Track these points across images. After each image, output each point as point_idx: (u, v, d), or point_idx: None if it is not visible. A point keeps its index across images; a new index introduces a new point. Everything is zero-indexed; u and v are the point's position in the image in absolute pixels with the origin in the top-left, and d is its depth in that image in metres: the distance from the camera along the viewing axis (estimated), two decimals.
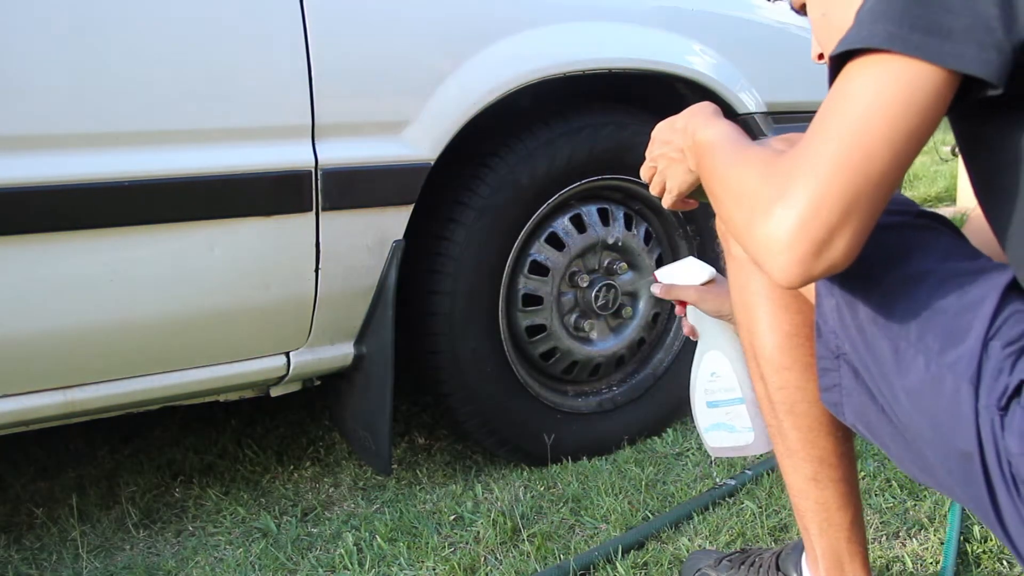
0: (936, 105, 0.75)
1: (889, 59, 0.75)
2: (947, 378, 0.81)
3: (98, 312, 1.34)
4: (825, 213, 0.75)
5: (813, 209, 0.75)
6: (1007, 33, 0.73)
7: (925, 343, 0.82)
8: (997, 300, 0.81)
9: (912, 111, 0.74)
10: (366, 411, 1.66)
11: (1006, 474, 0.79)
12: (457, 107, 1.57)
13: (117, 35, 1.28)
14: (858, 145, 0.75)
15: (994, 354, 0.79)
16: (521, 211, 1.75)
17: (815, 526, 1.12)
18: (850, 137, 0.75)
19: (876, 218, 0.77)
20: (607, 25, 1.79)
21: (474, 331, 1.74)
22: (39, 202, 1.25)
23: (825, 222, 0.75)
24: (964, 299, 0.82)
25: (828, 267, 0.77)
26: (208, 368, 1.50)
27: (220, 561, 1.57)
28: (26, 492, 1.86)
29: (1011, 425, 0.77)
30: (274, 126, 1.42)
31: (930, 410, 0.83)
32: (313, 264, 1.49)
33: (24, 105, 1.23)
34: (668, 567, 1.44)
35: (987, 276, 0.83)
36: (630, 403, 2.00)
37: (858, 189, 0.75)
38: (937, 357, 0.82)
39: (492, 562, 1.50)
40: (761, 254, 0.79)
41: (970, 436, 0.80)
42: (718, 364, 1.47)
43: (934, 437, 0.85)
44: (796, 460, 1.09)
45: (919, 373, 0.83)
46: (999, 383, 0.78)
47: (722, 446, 1.46)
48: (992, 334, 0.79)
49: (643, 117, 1.88)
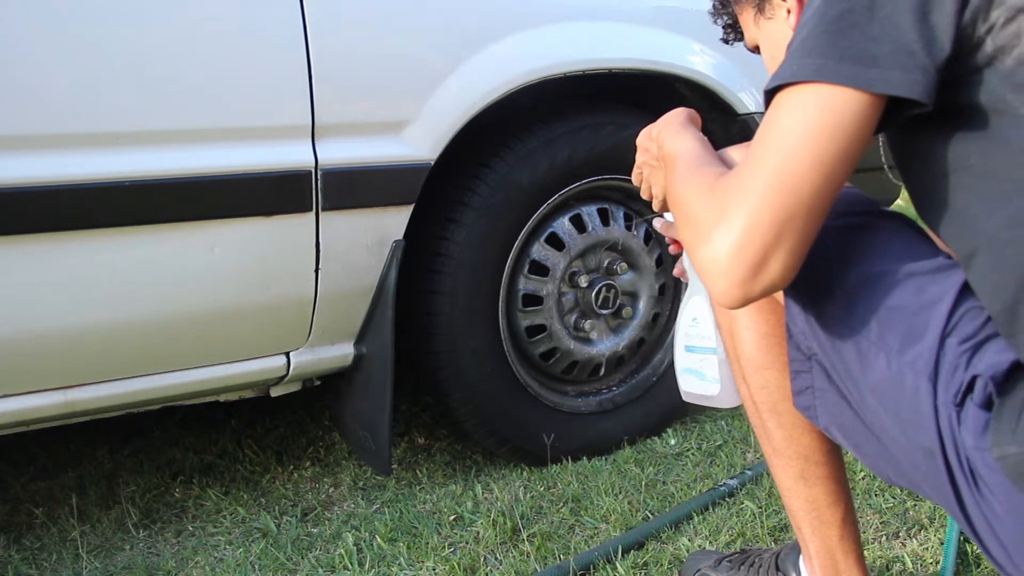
0: (863, 128, 0.79)
1: (817, 88, 0.79)
2: (907, 375, 0.82)
3: (98, 312, 1.34)
4: (759, 237, 0.79)
5: (747, 234, 0.79)
6: (929, 55, 0.77)
7: (886, 341, 0.84)
8: (954, 297, 0.82)
9: (839, 135, 0.78)
10: (366, 411, 1.66)
11: (965, 469, 0.81)
12: (457, 107, 1.57)
13: (117, 35, 1.28)
14: (789, 171, 0.79)
15: (950, 351, 0.80)
16: (521, 211, 1.75)
17: (807, 525, 1.13)
18: (781, 163, 0.79)
19: (811, 238, 0.81)
20: (607, 25, 1.79)
21: (474, 331, 1.74)
22: (39, 202, 1.25)
23: (760, 246, 0.79)
24: (922, 297, 0.84)
25: (766, 287, 0.80)
26: (208, 368, 1.50)
27: (220, 561, 1.57)
28: (26, 492, 1.86)
29: (966, 420, 0.79)
30: (274, 126, 1.41)
31: (893, 407, 0.85)
32: (313, 264, 1.49)
33: (24, 105, 1.23)
34: (668, 567, 1.44)
35: (945, 274, 0.85)
36: (630, 403, 2.00)
37: (790, 212, 0.78)
38: (897, 355, 0.83)
39: (492, 562, 1.50)
40: (704, 276, 0.82)
41: (931, 433, 0.82)
42: (700, 310, 1.47)
43: (899, 435, 0.86)
44: (783, 460, 1.10)
45: (881, 371, 0.84)
46: (955, 379, 0.79)
47: (691, 392, 1.45)
48: (949, 331, 0.81)
49: (643, 117, 1.88)
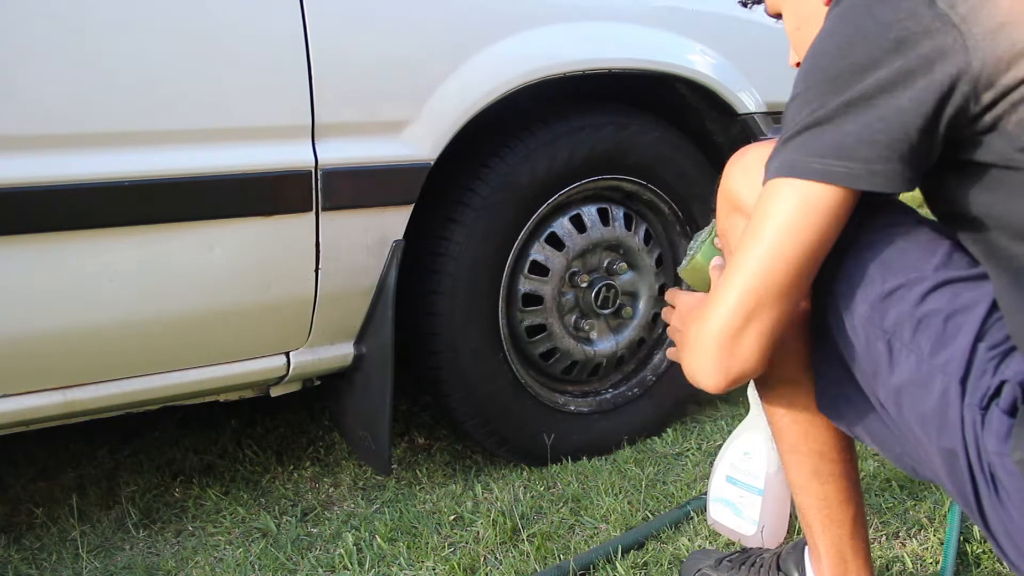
0: (840, 215, 0.86)
1: (798, 184, 0.86)
2: (937, 378, 0.83)
3: (98, 312, 1.34)
4: (734, 322, 0.89)
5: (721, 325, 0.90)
6: (904, 141, 0.82)
7: (918, 343, 0.85)
8: (988, 305, 0.83)
9: (816, 227, 0.86)
10: (366, 411, 1.66)
11: (986, 473, 0.82)
12: (457, 107, 1.57)
13: (117, 35, 1.28)
14: (768, 267, 0.88)
15: (980, 356, 0.81)
16: (521, 211, 1.75)
17: (818, 523, 1.12)
18: (761, 258, 0.88)
19: (784, 321, 0.90)
20: (607, 25, 1.78)
21: (474, 331, 1.74)
22: (39, 202, 1.25)
23: (733, 334, 0.90)
24: (956, 303, 0.84)
25: (741, 373, 0.91)
26: (208, 368, 1.50)
27: (220, 561, 1.57)
28: (26, 492, 1.86)
29: (990, 424, 0.80)
30: (274, 126, 1.41)
31: (918, 409, 0.86)
32: (313, 264, 1.49)
33: (24, 105, 1.23)
34: (668, 567, 1.44)
35: (980, 283, 0.86)
36: (630, 403, 1.99)
37: (760, 300, 0.88)
38: (928, 358, 0.84)
39: (492, 562, 1.50)
40: (690, 357, 0.94)
41: (956, 435, 0.83)
42: (755, 447, 1.46)
43: (923, 436, 0.87)
44: (798, 456, 1.10)
45: (911, 372, 0.85)
46: (982, 383, 0.81)
47: (721, 522, 1.46)
48: (981, 336, 0.82)
49: (643, 117, 1.88)
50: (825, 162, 0.84)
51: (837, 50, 0.85)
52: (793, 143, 0.86)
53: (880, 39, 0.82)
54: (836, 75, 0.84)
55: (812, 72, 0.87)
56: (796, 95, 0.88)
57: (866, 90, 0.82)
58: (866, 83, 0.82)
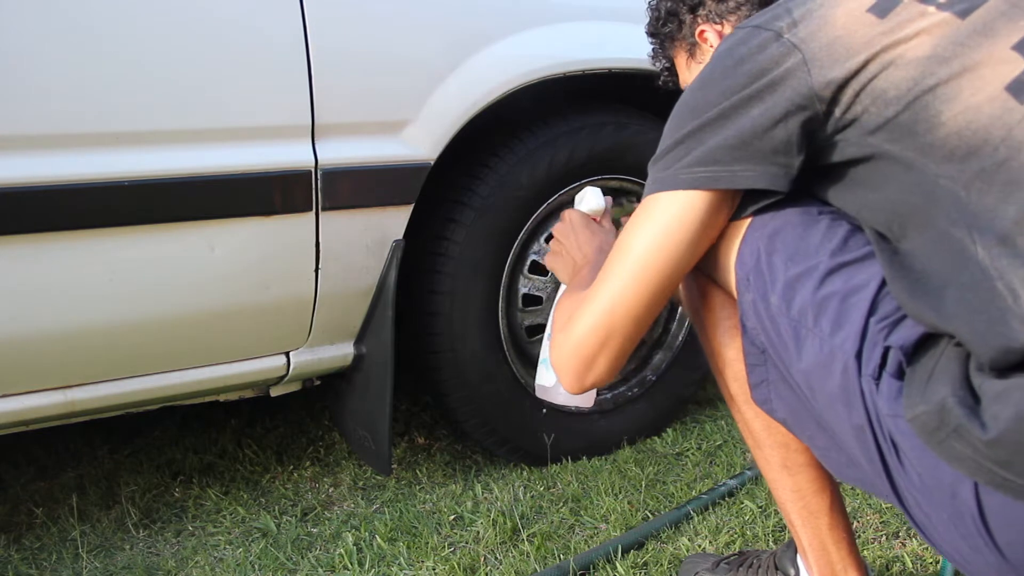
0: (711, 222, 0.96)
1: (669, 196, 0.95)
2: (837, 356, 0.87)
3: (98, 312, 1.34)
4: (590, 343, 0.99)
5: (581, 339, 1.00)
6: (760, 142, 0.91)
7: (820, 327, 0.89)
8: (879, 282, 0.87)
9: (688, 235, 0.95)
10: (366, 411, 1.66)
11: (887, 440, 0.84)
12: (457, 107, 1.57)
13: (116, 35, 1.28)
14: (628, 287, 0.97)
15: (872, 329, 0.85)
16: (521, 211, 1.75)
17: (796, 516, 1.13)
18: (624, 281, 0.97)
19: (636, 340, 1.00)
20: (607, 25, 1.79)
21: (474, 331, 1.74)
22: (39, 202, 1.25)
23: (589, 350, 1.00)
24: (850, 283, 0.89)
25: (594, 384, 1.02)
26: (208, 368, 1.50)
27: (220, 561, 1.57)
28: (26, 492, 1.86)
29: (882, 391, 0.83)
30: (274, 126, 1.41)
31: (826, 390, 0.89)
32: (313, 264, 1.49)
33: (24, 105, 1.23)
34: (668, 567, 1.44)
35: (872, 261, 0.90)
36: (630, 403, 2.00)
37: (611, 329, 0.98)
38: (829, 338, 0.88)
39: (492, 562, 1.50)
40: (555, 367, 1.04)
41: (860, 409, 0.86)
42: None
43: (834, 418, 0.90)
44: (765, 450, 1.12)
45: (815, 355, 0.89)
46: (875, 355, 0.84)
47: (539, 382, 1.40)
48: (872, 311, 0.86)
49: (643, 117, 1.88)
50: (692, 171, 0.93)
51: (699, 85, 0.97)
52: (661, 163, 0.96)
53: (736, 73, 0.93)
54: (696, 106, 0.95)
55: (679, 108, 0.98)
56: (665, 130, 0.99)
57: (724, 110, 0.93)
58: (723, 106, 0.93)
